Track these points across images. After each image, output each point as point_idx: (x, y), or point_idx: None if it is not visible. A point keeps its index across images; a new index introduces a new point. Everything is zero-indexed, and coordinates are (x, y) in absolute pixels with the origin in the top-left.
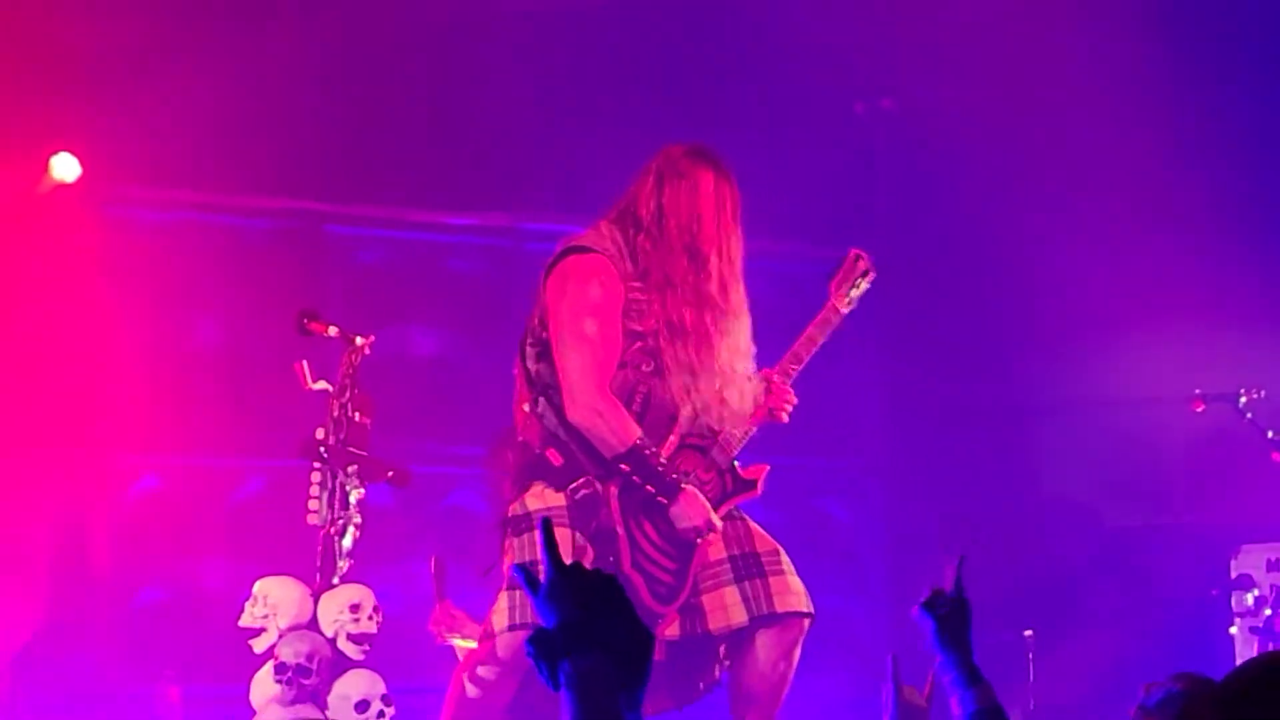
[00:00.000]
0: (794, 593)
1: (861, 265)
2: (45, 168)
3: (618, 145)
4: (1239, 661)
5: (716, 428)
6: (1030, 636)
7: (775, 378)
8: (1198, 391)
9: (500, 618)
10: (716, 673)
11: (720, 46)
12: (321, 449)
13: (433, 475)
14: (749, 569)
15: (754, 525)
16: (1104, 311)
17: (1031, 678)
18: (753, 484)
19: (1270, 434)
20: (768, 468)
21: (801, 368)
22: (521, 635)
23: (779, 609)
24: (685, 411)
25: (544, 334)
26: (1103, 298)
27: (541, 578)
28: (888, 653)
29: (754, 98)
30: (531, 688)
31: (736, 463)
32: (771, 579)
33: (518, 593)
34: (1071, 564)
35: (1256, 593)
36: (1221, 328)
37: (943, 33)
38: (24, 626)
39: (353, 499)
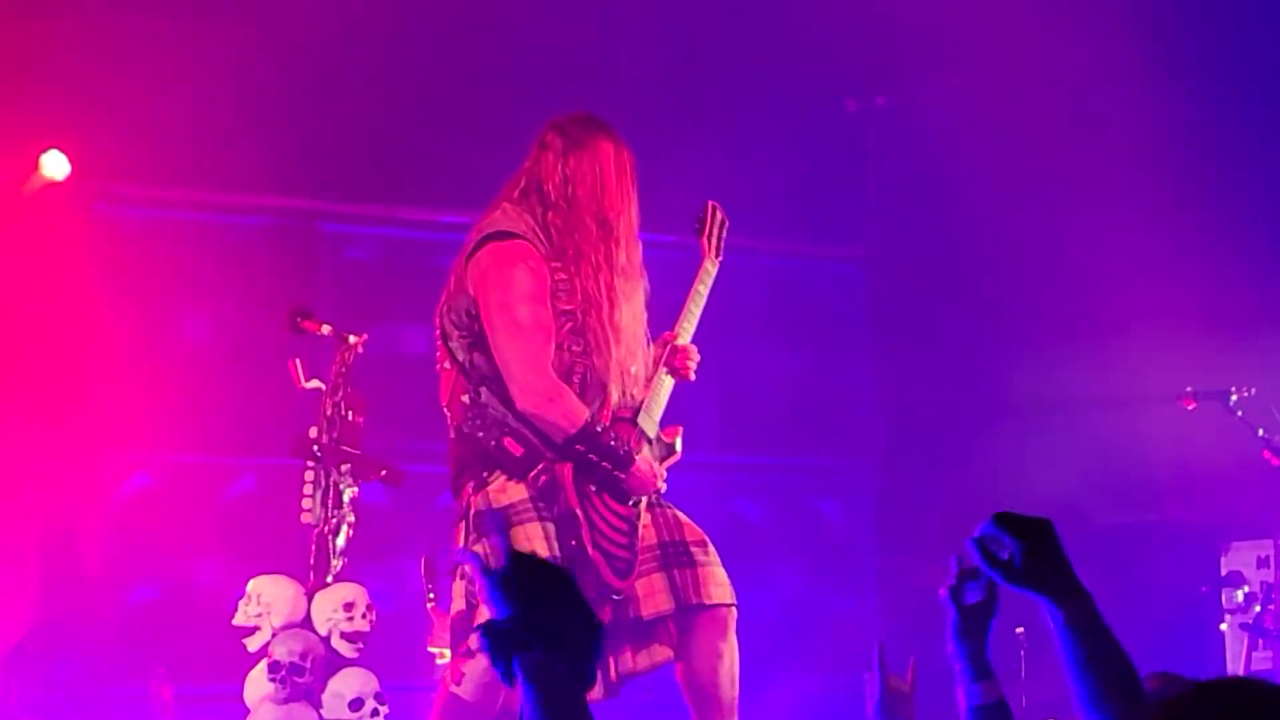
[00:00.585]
0: (720, 584)
1: (719, 215)
2: (35, 165)
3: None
4: (1229, 658)
5: (636, 395)
6: (1021, 634)
7: (675, 340)
8: (1188, 389)
9: None
10: (631, 664)
11: (714, 44)
12: (315, 447)
13: (426, 474)
14: (678, 557)
15: (681, 515)
16: (1095, 309)
17: (1023, 675)
18: (673, 446)
19: (1260, 431)
20: (681, 428)
21: (694, 327)
22: None
23: (706, 600)
24: (614, 383)
25: (475, 325)
26: (1094, 296)
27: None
28: (876, 651)
29: (747, 95)
30: None
31: (659, 431)
32: (700, 569)
33: None
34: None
35: (1246, 590)
36: (1212, 325)
37: (937, 30)
38: (16, 625)
39: (346, 497)
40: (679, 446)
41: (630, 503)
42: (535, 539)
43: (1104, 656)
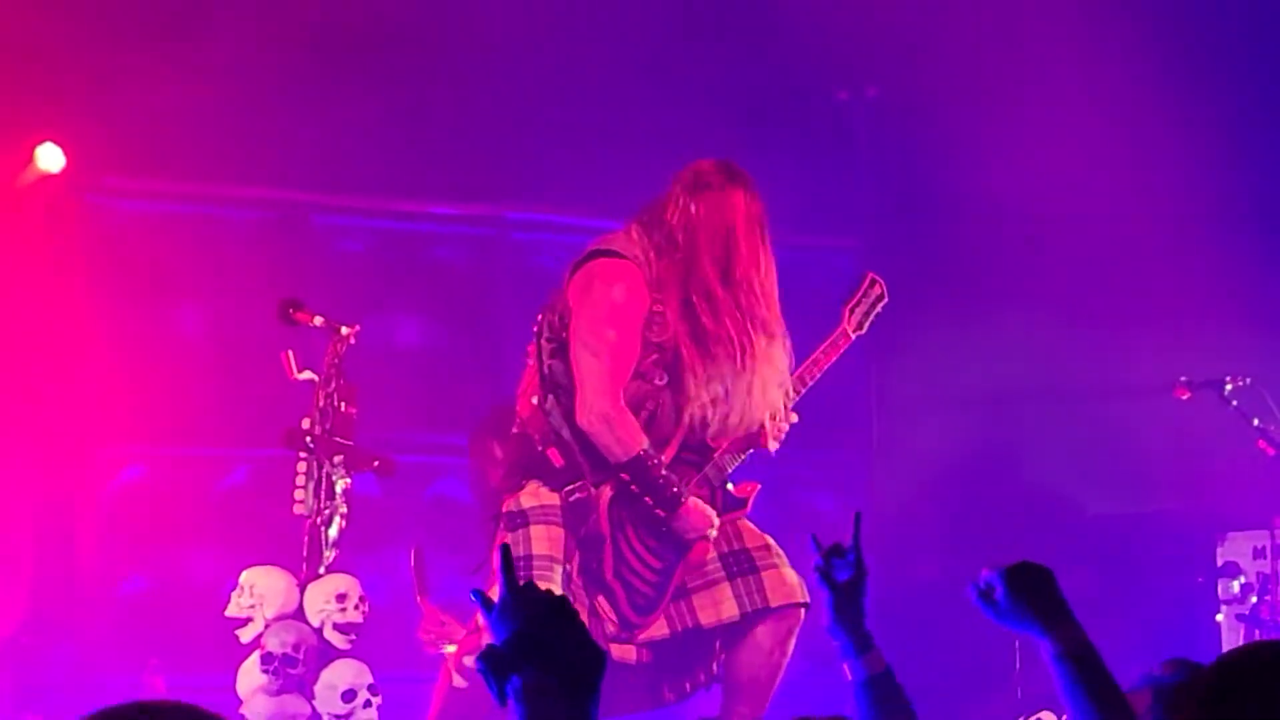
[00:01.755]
0: (787, 584)
1: (876, 290)
2: (30, 158)
3: (602, 134)
4: (1225, 649)
5: (712, 443)
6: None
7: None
8: (1183, 379)
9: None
10: (713, 669)
11: (704, 34)
12: (307, 439)
13: (418, 464)
14: (740, 566)
15: (742, 521)
16: (1088, 299)
17: (1018, 665)
18: (743, 502)
19: (1255, 421)
20: (759, 486)
21: (806, 390)
22: None
23: (773, 603)
24: (688, 419)
25: (563, 333)
26: (1087, 286)
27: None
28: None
29: (737, 85)
30: None
31: (730, 484)
32: (764, 574)
33: None
34: (1056, 552)
35: (1243, 580)
36: (1206, 315)
37: (926, 20)
38: (9, 617)
39: (339, 488)
40: (749, 504)
41: (671, 544)
42: (556, 542)
43: (1092, 687)
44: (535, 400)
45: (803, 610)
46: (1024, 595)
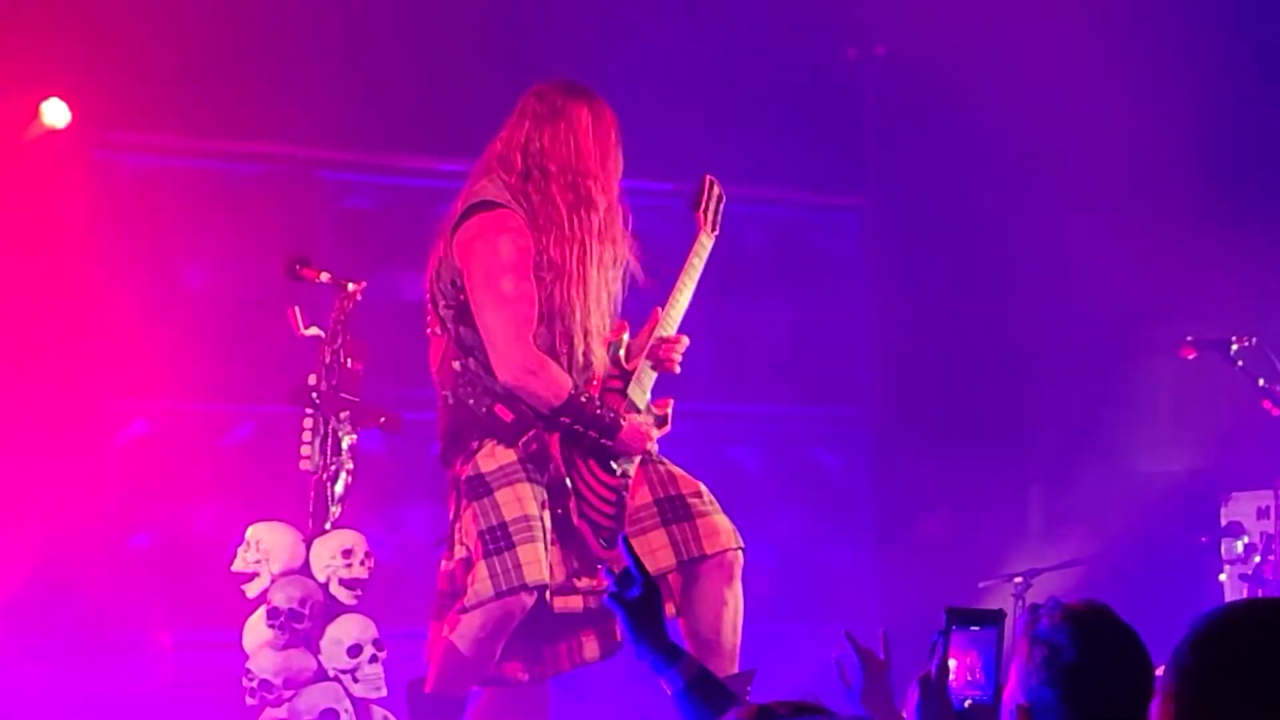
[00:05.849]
0: (721, 531)
1: (716, 190)
2: (36, 113)
3: (608, 91)
4: None
5: (596, 357)
6: (1020, 584)
7: (661, 327)
8: (1188, 338)
9: (484, 585)
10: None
11: None
12: (313, 394)
13: (424, 421)
14: (675, 512)
15: (674, 468)
16: (1095, 258)
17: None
18: (664, 418)
19: (1261, 381)
20: (672, 400)
21: (686, 303)
22: (510, 601)
23: (708, 550)
24: (578, 347)
25: (460, 295)
26: (1093, 244)
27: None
28: (874, 599)
29: (746, 44)
30: (518, 641)
31: (649, 400)
32: (698, 520)
33: (497, 559)
34: (1058, 514)
35: (1246, 540)
36: (1212, 274)
37: None
38: (14, 573)
39: (345, 445)
40: (668, 419)
41: (618, 472)
42: (526, 498)
43: (716, 701)
44: (457, 365)
45: (740, 553)
46: (655, 615)
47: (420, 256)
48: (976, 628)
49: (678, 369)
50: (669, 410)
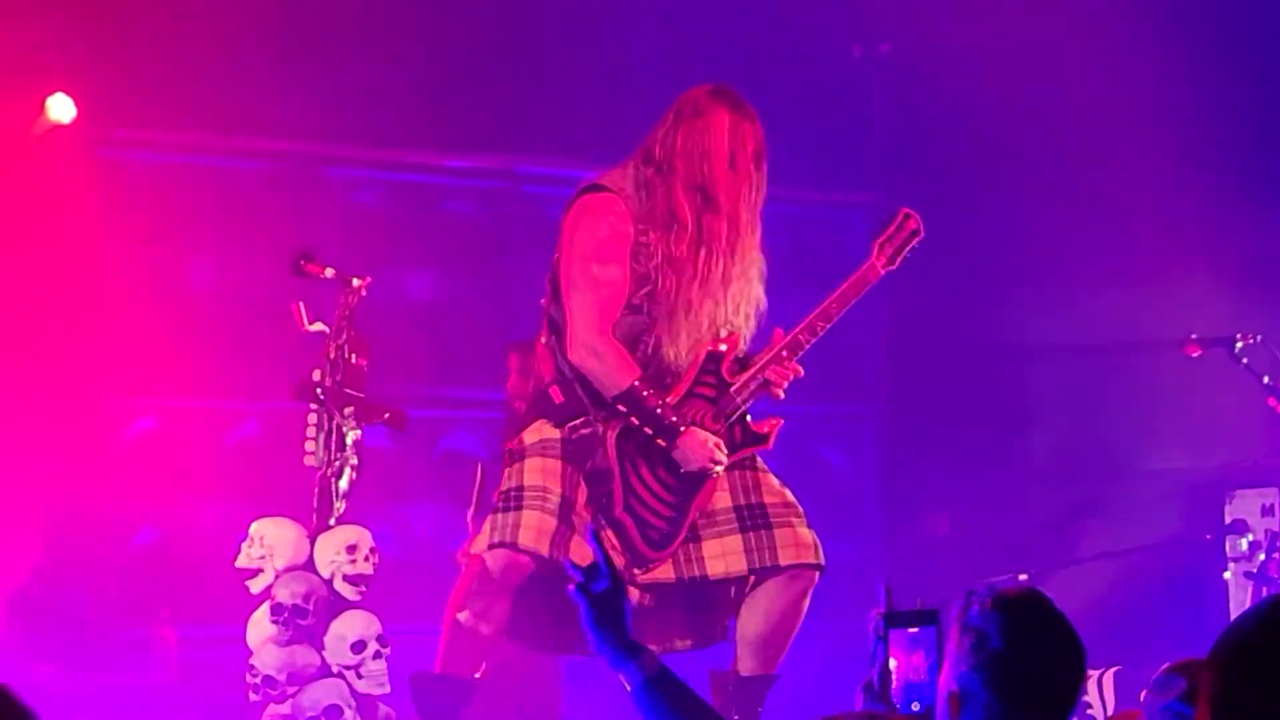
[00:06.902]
0: (801, 545)
1: (911, 225)
2: (41, 109)
3: (614, 87)
4: (1232, 605)
5: (729, 379)
6: (1025, 581)
7: (784, 351)
8: (1193, 336)
9: (482, 538)
10: (729, 623)
11: None
12: (318, 390)
13: (429, 418)
14: (754, 519)
15: (767, 477)
16: (1101, 254)
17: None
18: (764, 438)
19: (1265, 379)
20: (781, 422)
21: (830, 325)
22: (501, 553)
23: (782, 561)
24: (669, 353)
25: (557, 272)
26: (1100, 242)
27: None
28: (879, 596)
29: (753, 42)
30: (528, 612)
31: (749, 416)
32: (777, 531)
33: (499, 515)
34: (1063, 508)
35: (1251, 538)
36: (1218, 272)
37: None
38: (20, 569)
39: (349, 441)
40: (770, 440)
41: (680, 478)
42: (552, 473)
43: (681, 701)
44: (544, 340)
45: (816, 573)
46: (617, 611)
47: (426, 253)
48: (914, 629)
49: (782, 394)
50: (773, 431)
